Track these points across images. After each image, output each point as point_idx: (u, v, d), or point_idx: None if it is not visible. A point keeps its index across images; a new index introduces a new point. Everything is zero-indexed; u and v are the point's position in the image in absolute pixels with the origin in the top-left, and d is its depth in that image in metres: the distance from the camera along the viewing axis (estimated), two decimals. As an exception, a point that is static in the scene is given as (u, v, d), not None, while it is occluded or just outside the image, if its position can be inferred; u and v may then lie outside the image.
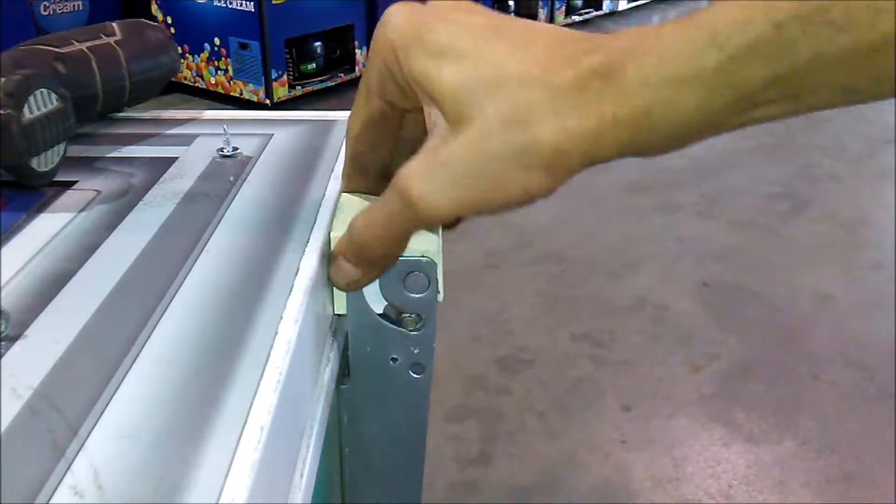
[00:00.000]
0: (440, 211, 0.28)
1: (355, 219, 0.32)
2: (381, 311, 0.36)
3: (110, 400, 0.25)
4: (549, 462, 1.37)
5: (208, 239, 0.36)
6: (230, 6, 2.96)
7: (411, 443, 0.41)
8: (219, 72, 3.11)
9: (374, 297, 0.35)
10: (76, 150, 0.45)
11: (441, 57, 0.28)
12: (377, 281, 0.35)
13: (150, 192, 0.41)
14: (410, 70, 0.29)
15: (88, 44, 0.46)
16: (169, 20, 3.16)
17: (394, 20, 0.30)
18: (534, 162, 0.27)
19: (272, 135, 0.49)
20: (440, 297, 0.35)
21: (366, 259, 0.32)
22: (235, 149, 0.45)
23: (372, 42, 0.31)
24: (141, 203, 0.40)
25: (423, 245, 0.34)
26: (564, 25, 4.31)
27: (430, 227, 0.32)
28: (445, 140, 0.28)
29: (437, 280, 0.34)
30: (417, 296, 0.35)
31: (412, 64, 0.29)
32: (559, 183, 0.27)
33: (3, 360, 0.27)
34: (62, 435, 0.24)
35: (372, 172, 0.36)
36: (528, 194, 0.27)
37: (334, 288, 0.35)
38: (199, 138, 0.48)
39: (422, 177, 0.28)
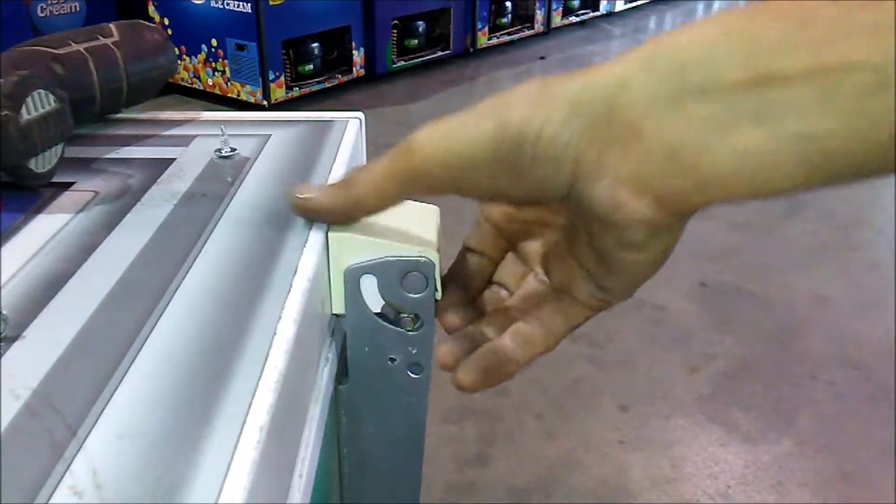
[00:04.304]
0: (429, 148, 0.29)
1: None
2: (378, 311, 0.36)
3: (109, 400, 0.25)
4: (547, 462, 1.37)
5: (206, 239, 0.36)
6: (227, 7, 2.96)
7: (410, 443, 0.41)
8: (216, 73, 3.10)
9: (373, 298, 0.35)
10: (74, 151, 0.45)
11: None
12: (375, 281, 0.35)
13: (148, 192, 0.41)
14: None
15: (86, 45, 0.46)
16: (166, 21, 3.16)
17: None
18: None
19: (270, 135, 0.49)
20: (439, 294, 0.35)
21: (350, 190, 0.33)
22: (233, 149, 0.45)
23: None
24: (139, 204, 0.40)
25: (421, 245, 0.34)
26: (562, 26, 4.28)
27: (421, 178, 0.31)
28: None
29: (435, 280, 0.35)
30: (415, 296, 0.35)
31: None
32: None
33: (1, 360, 0.27)
34: (61, 435, 0.24)
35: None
36: None
37: (332, 286, 0.35)
38: (197, 139, 0.48)
39: (428, 128, 0.30)
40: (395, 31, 3.38)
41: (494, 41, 3.83)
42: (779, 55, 0.24)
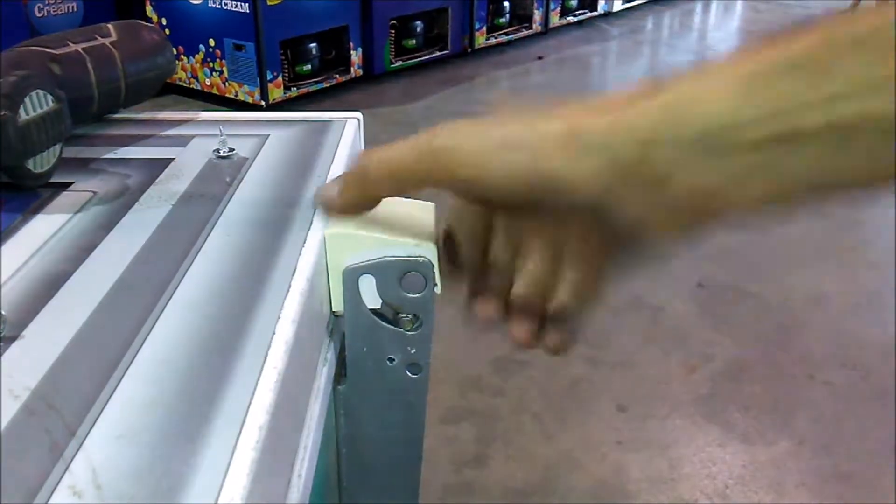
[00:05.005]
0: (443, 136, 0.30)
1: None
2: (377, 312, 0.36)
3: (108, 400, 0.25)
4: (546, 463, 1.37)
5: (205, 239, 0.36)
6: (225, 7, 2.96)
7: (408, 443, 0.41)
8: (214, 73, 3.10)
9: (371, 298, 0.35)
10: (72, 152, 0.45)
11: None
12: (374, 281, 0.35)
13: (146, 192, 0.41)
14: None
15: (84, 45, 0.46)
16: (164, 21, 3.16)
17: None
18: None
19: (268, 136, 0.49)
20: (437, 289, 0.35)
21: (361, 176, 0.33)
22: (231, 149, 0.45)
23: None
24: (137, 204, 0.40)
25: (419, 243, 0.34)
26: (560, 26, 4.26)
27: (432, 163, 0.31)
28: None
29: (434, 279, 0.35)
30: (414, 296, 0.35)
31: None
32: None
33: (0, 360, 0.27)
34: (60, 435, 0.24)
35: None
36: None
37: (331, 284, 0.35)
38: (195, 139, 0.48)
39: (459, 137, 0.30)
40: (392, 31, 3.38)
41: (492, 41, 3.82)
42: (796, 114, 0.25)
